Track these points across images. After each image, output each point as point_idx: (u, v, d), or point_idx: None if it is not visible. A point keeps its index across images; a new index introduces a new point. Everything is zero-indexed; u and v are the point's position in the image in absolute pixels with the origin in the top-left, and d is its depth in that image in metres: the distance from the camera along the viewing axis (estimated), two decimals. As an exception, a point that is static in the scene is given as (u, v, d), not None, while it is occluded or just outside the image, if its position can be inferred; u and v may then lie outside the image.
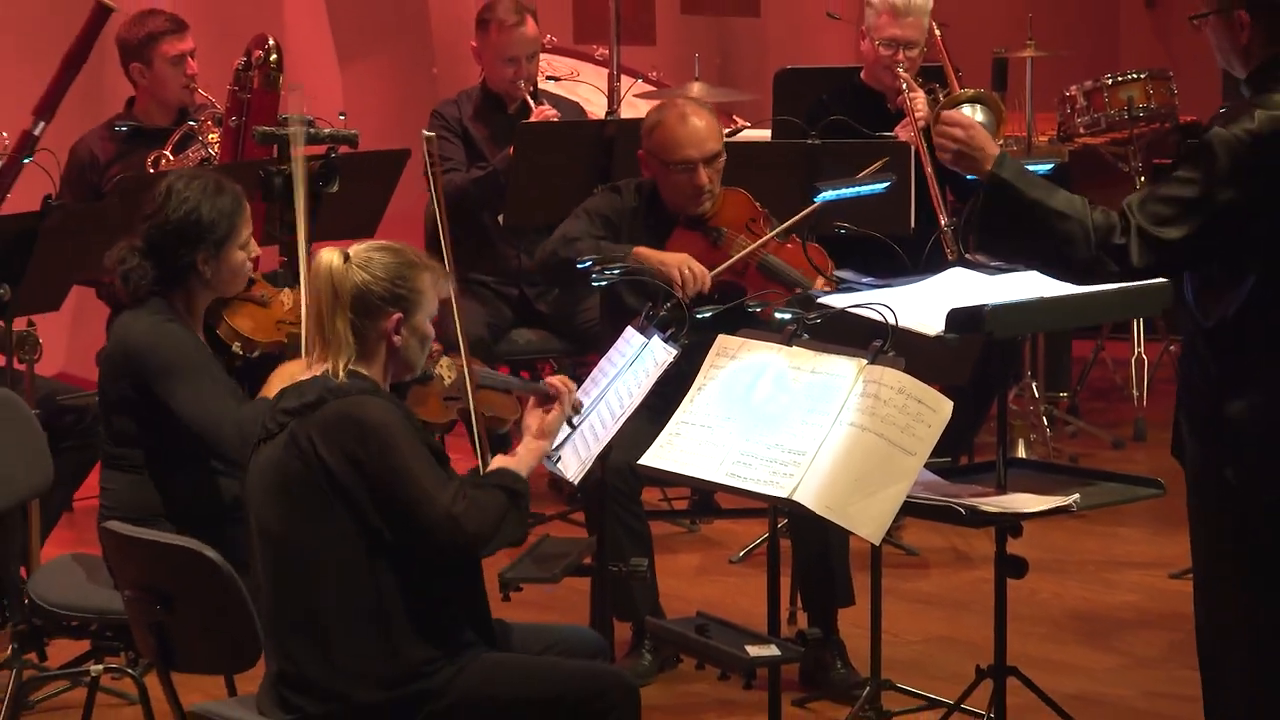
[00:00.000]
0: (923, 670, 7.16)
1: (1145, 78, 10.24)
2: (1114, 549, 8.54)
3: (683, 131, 7.62)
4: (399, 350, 5.44)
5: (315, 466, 5.27)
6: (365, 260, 5.40)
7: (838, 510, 5.64)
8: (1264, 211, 5.45)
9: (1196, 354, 5.68)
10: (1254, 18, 5.53)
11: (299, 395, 5.37)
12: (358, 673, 5.31)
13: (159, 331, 6.40)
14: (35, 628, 6.48)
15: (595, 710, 5.41)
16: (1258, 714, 5.76)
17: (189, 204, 6.42)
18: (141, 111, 8.67)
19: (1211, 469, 5.66)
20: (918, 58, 9.01)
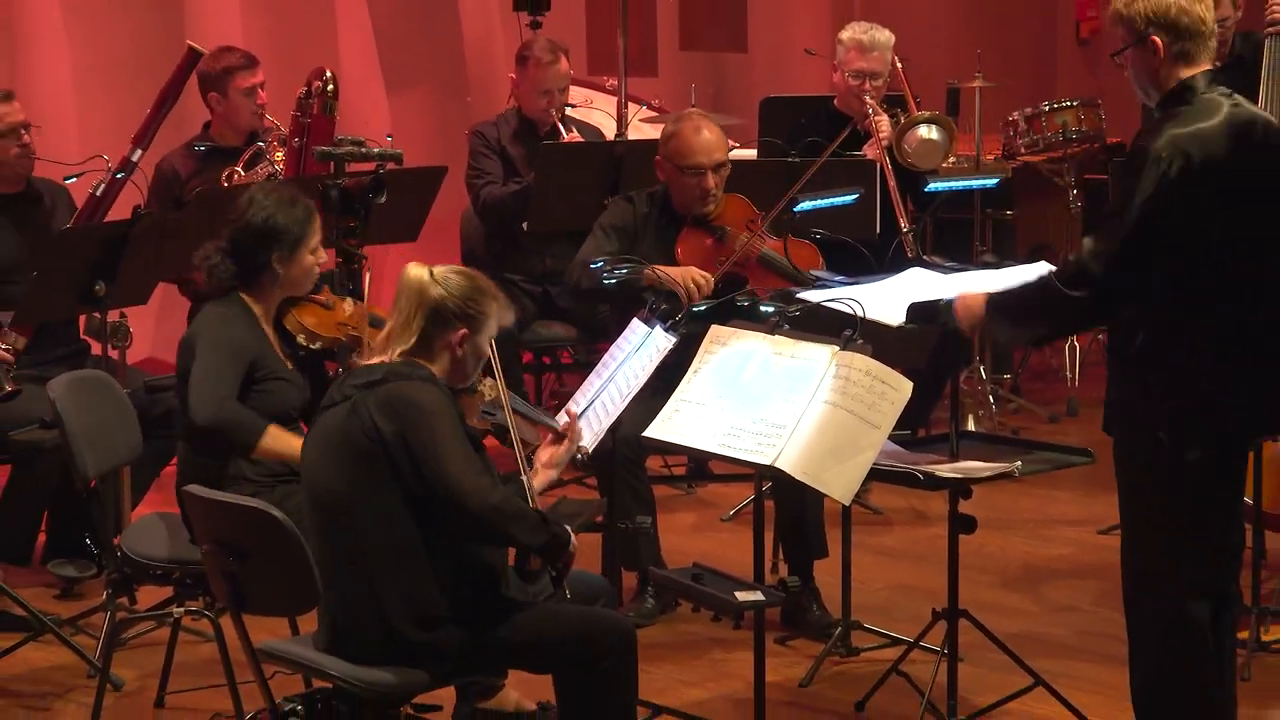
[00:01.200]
0: (886, 613, 7.16)
1: (1077, 105, 10.23)
2: (1050, 509, 8.54)
3: (696, 141, 7.65)
4: (459, 361, 5.47)
5: (372, 434, 5.29)
6: (445, 279, 5.44)
7: (814, 475, 5.65)
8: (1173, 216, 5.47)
9: (1120, 338, 5.72)
10: (1165, 42, 5.53)
11: (367, 374, 5.40)
12: (399, 615, 5.31)
13: (214, 317, 6.48)
14: (126, 576, 6.48)
15: (597, 649, 5.41)
16: (1170, 651, 5.77)
17: (267, 211, 6.46)
18: (217, 134, 8.67)
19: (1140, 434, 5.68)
20: (882, 87, 9.02)
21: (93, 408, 6.56)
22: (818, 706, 6.63)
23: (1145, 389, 5.64)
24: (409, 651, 5.34)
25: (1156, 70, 5.58)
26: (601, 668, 5.39)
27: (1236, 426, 5.70)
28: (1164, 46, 5.54)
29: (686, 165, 7.63)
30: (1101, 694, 6.44)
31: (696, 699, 6.62)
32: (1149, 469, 5.69)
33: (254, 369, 6.44)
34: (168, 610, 6.60)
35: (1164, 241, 5.48)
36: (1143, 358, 5.64)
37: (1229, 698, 5.84)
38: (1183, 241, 5.50)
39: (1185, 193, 5.45)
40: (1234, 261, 5.57)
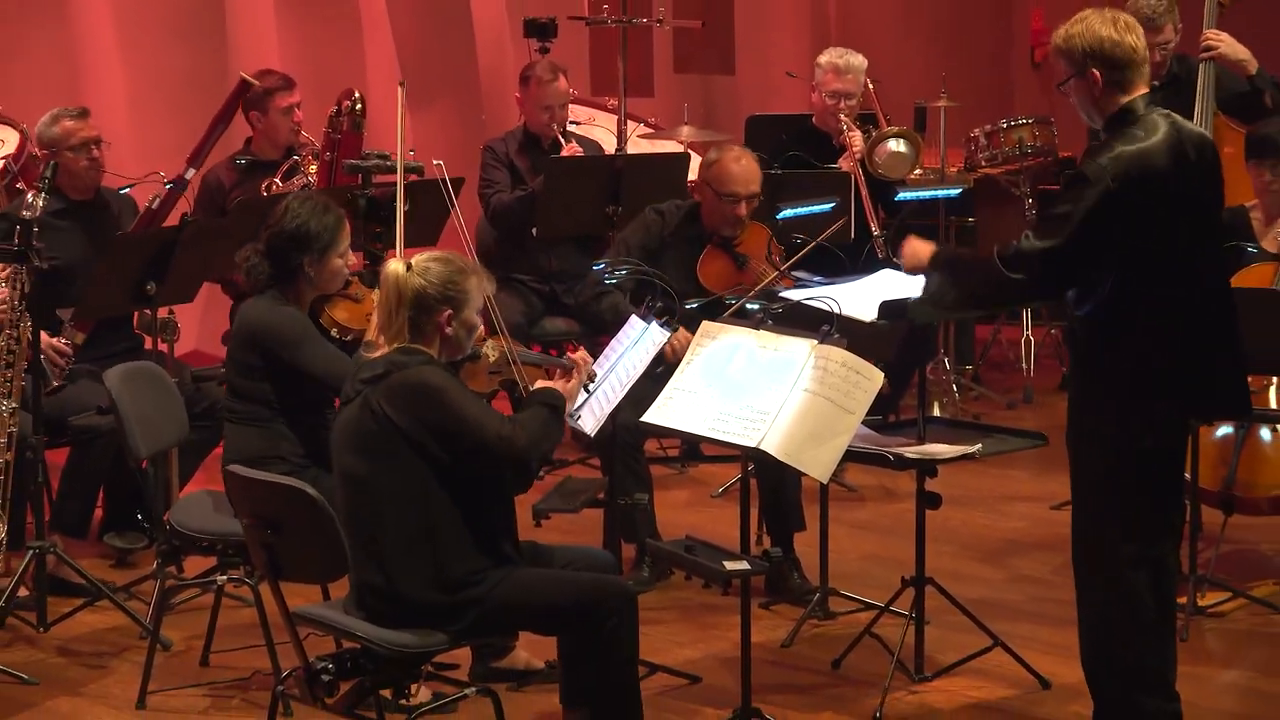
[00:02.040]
0: (860, 580, 7.15)
1: (1032, 122, 10.22)
2: (1007, 487, 8.53)
3: (736, 170, 7.66)
4: (450, 338, 5.47)
5: (384, 423, 5.30)
6: (424, 269, 5.43)
7: (794, 456, 5.66)
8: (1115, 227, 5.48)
9: (1076, 336, 5.73)
10: (1102, 73, 5.56)
11: (371, 369, 5.40)
12: (418, 580, 5.31)
13: (277, 311, 6.45)
14: (174, 547, 6.47)
15: (602, 611, 5.40)
16: (1115, 614, 5.77)
17: (300, 218, 6.45)
18: (257, 148, 8.66)
19: (1088, 415, 5.71)
20: (855, 106, 9.02)
21: (144, 395, 6.56)
22: (798, 665, 6.62)
23: (1094, 379, 5.67)
24: (428, 615, 5.34)
25: (1097, 99, 5.63)
26: (606, 629, 5.39)
27: (1178, 413, 5.73)
28: (1101, 77, 5.58)
29: (724, 192, 7.64)
30: (1053, 654, 6.44)
31: (689, 658, 6.61)
32: (1100, 450, 5.71)
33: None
34: (212, 578, 6.59)
35: (1105, 249, 5.51)
36: (1092, 351, 5.68)
37: (1169, 657, 5.85)
38: (1127, 249, 5.52)
39: (1127, 205, 5.48)
40: (1175, 267, 5.60)
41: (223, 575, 6.45)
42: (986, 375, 10.52)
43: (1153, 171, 5.50)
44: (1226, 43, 8.11)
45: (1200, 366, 5.68)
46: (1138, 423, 5.62)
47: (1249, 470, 7.11)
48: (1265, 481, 7.11)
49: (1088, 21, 5.61)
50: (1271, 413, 7.10)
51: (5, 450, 6.96)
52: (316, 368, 6.37)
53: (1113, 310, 5.60)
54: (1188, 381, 5.67)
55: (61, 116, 7.97)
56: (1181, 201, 5.58)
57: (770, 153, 9.02)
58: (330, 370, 6.34)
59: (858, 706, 6.24)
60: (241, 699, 6.38)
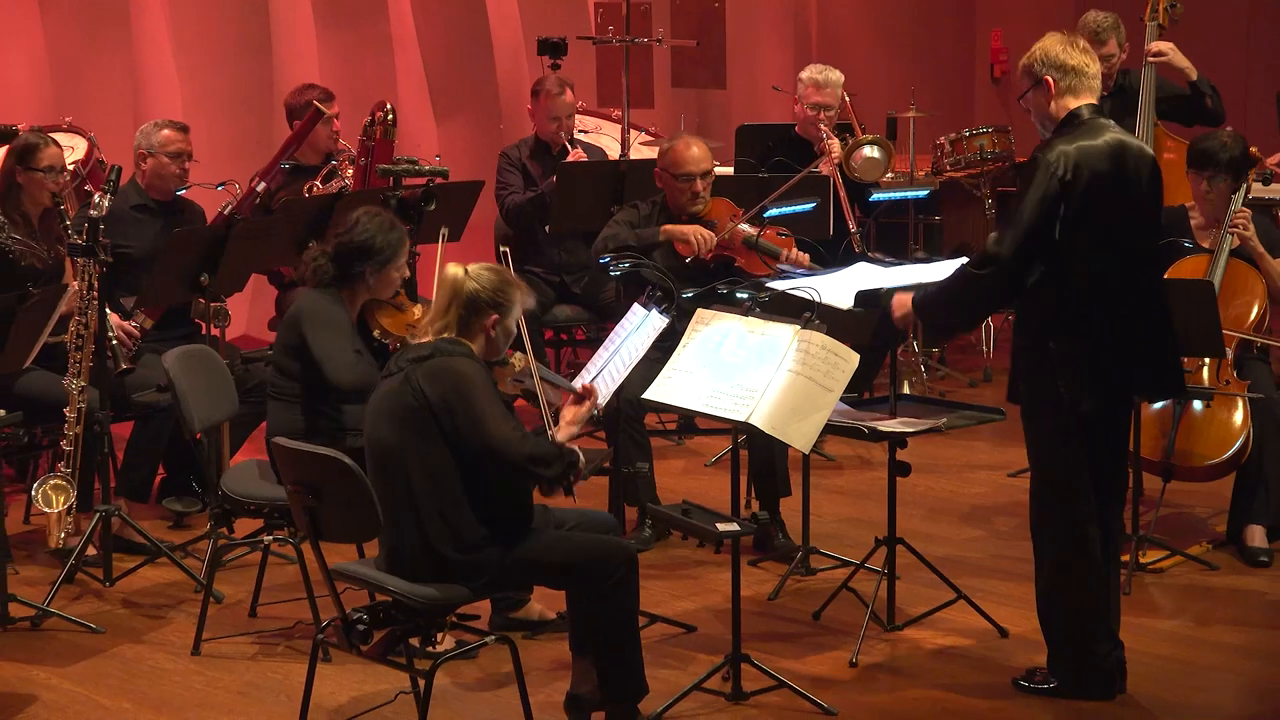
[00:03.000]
0: (838, 540, 7.15)
1: (992, 131, 10.21)
2: (970, 456, 8.52)
3: (687, 154, 7.67)
4: (492, 340, 5.48)
5: (420, 399, 5.29)
6: (478, 275, 5.46)
7: (779, 429, 5.65)
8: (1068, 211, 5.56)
9: (1025, 313, 5.78)
10: (1055, 80, 5.69)
11: (418, 351, 5.40)
12: (441, 541, 5.30)
13: (322, 302, 6.48)
14: (225, 511, 6.46)
15: (606, 569, 5.39)
16: (1065, 570, 5.80)
17: (369, 232, 6.49)
18: (300, 154, 8.63)
19: (1043, 391, 5.73)
20: (834, 116, 9.01)
21: (198, 375, 6.55)
22: (783, 616, 6.62)
23: (1047, 356, 5.70)
24: (451, 571, 5.33)
25: (1049, 104, 5.74)
26: (611, 584, 5.38)
27: (1118, 387, 5.78)
28: (1054, 83, 5.71)
29: (679, 174, 7.66)
30: (1010, 605, 6.44)
31: (685, 609, 6.60)
32: (1051, 420, 5.76)
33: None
34: (259, 538, 6.61)
35: (1055, 236, 5.57)
36: (1045, 332, 5.71)
37: (1113, 608, 5.87)
38: (1072, 238, 5.57)
39: (1071, 193, 5.57)
40: (1112, 258, 5.66)
41: (269, 536, 6.45)
42: (951, 357, 10.51)
43: (1095, 168, 5.60)
44: (1172, 51, 8.16)
45: (1138, 348, 5.74)
46: (1082, 395, 5.68)
47: (1186, 441, 7.10)
48: (1200, 451, 7.10)
49: (1047, 41, 5.77)
50: (1204, 389, 7.08)
51: (75, 424, 6.96)
52: (320, 350, 6.39)
53: (1060, 295, 5.65)
54: (1126, 360, 5.73)
55: (165, 125, 8.03)
56: (1120, 200, 5.65)
57: (758, 158, 9.05)
58: (329, 357, 6.37)
59: (836, 653, 6.23)
60: (286, 646, 6.37)
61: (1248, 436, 7.05)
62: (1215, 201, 7.28)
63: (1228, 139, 7.32)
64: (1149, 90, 8.11)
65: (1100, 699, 5.80)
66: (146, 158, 7.96)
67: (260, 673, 6.17)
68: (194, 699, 5.97)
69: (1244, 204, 7.29)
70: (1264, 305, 7.23)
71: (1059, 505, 5.78)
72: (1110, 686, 5.83)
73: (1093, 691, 5.82)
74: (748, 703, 5.81)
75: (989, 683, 6.00)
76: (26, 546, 7.31)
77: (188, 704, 5.92)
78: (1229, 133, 7.42)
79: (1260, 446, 7.08)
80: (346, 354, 6.42)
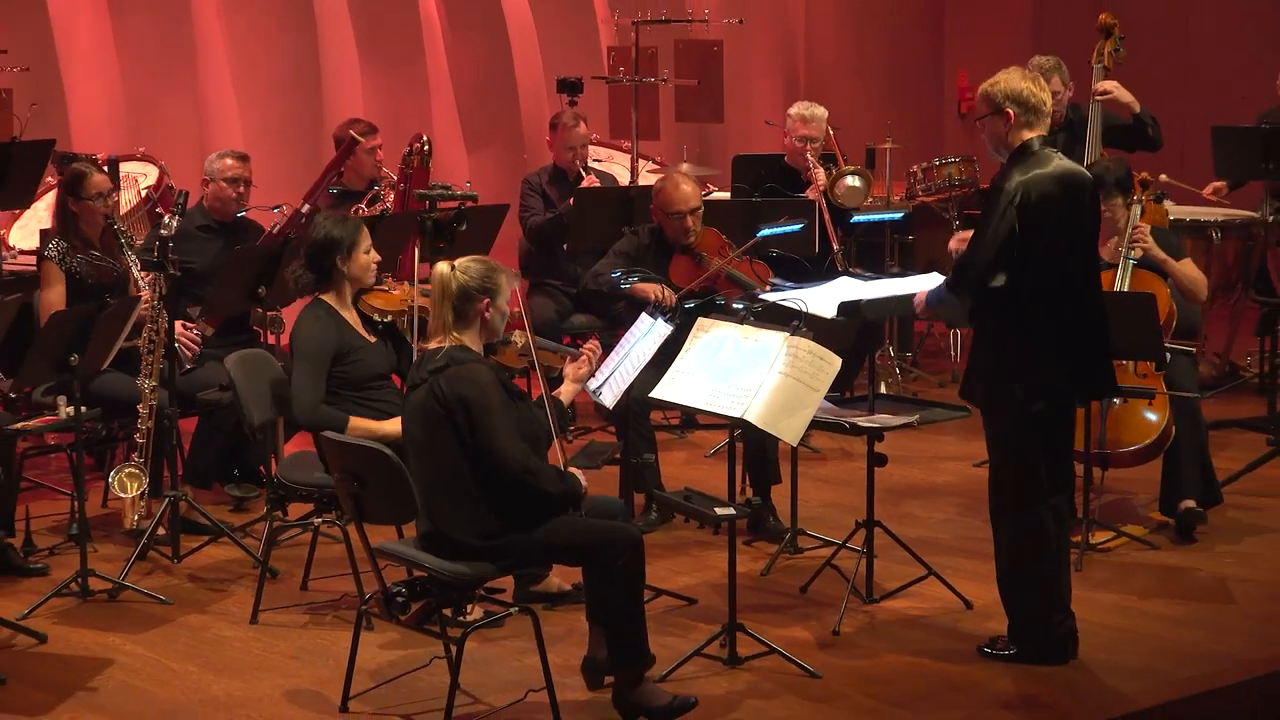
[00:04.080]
0: (822, 522, 7.13)
1: (959, 161, 10.19)
2: (939, 449, 8.51)
3: (676, 195, 7.65)
4: (489, 321, 5.47)
5: (445, 405, 5.31)
6: (465, 268, 5.46)
7: (771, 424, 5.64)
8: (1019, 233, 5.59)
9: (983, 322, 5.80)
10: (1015, 113, 5.70)
11: (434, 361, 5.39)
12: (466, 526, 5.32)
13: (306, 322, 6.46)
14: (280, 496, 6.47)
15: (616, 550, 5.38)
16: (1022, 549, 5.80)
17: (324, 228, 6.50)
18: (347, 180, 8.64)
19: (999, 391, 5.76)
20: (819, 148, 9.02)
21: (256, 376, 6.56)
22: (773, 590, 6.61)
23: (1004, 361, 5.71)
24: (480, 552, 5.34)
25: (1006, 134, 5.75)
26: (620, 563, 5.37)
27: (1066, 388, 5.80)
28: (1014, 116, 5.72)
29: (671, 212, 7.65)
30: (974, 581, 6.42)
31: (686, 584, 6.60)
32: (1008, 418, 5.77)
33: (340, 351, 6.44)
34: (310, 520, 6.60)
35: (1013, 255, 5.56)
36: (1002, 340, 5.73)
37: (1065, 583, 5.87)
38: (1025, 258, 5.59)
39: (1026, 217, 5.59)
40: (1060, 276, 5.68)
41: (318, 518, 6.45)
42: (923, 361, 10.50)
43: (1045, 194, 5.62)
44: (1116, 88, 8.19)
45: (1080, 351, 5.76)
46: (1034, 393, 5.70)
47: (1113, 430, 7.08)
48: (1125, 439, 7.10)
49: (1011, 74, 5.78)
50: (1145, 390, 7.08)
51: (147, 419, 6.96)
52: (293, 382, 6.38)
53: (1015, 308, 5.67)
54: (1070, 363, 5.74)
55: (227, 155, 8.07)
56: (1066, 222, 5.67)
57: (752, 184, 9.06)
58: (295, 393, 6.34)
59: (820, 622, 6.23)
60: (333, 616, 6.38)
61: (1168, 423, 7.06)
62: (1110, 219, 7.28)
63: (1110, 164, 7.44)
64: (1095, 123, 8.14)
65: (1055, 663, 5.81)
66: (209, 183, 7.99)
67: (310, 639, 6.17)
68: (252, 662, 5.97)
69: (1171, 225, 7.33)
70: (1170, 307, 7.24)
71: (1015, 492, 5.79)
72: (1064, 652, 5.83)
73: (1048, 657, 5.82)
74: (742, 667, 5.81)
75: (956, 649, 5.99)
76: (104, 527, 7.32)
77: (246, 667, 5.93)
78: (1111, 158, 7.52)
79: (1180, 432, 7.09)
80: (309, 392, 6.35)
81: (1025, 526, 5.79)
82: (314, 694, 5.67)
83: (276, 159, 9.97)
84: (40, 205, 8.77)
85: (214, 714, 5.55)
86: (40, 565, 6.87)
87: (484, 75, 11.15)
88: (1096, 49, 8.30)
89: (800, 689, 5.67)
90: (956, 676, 5.79)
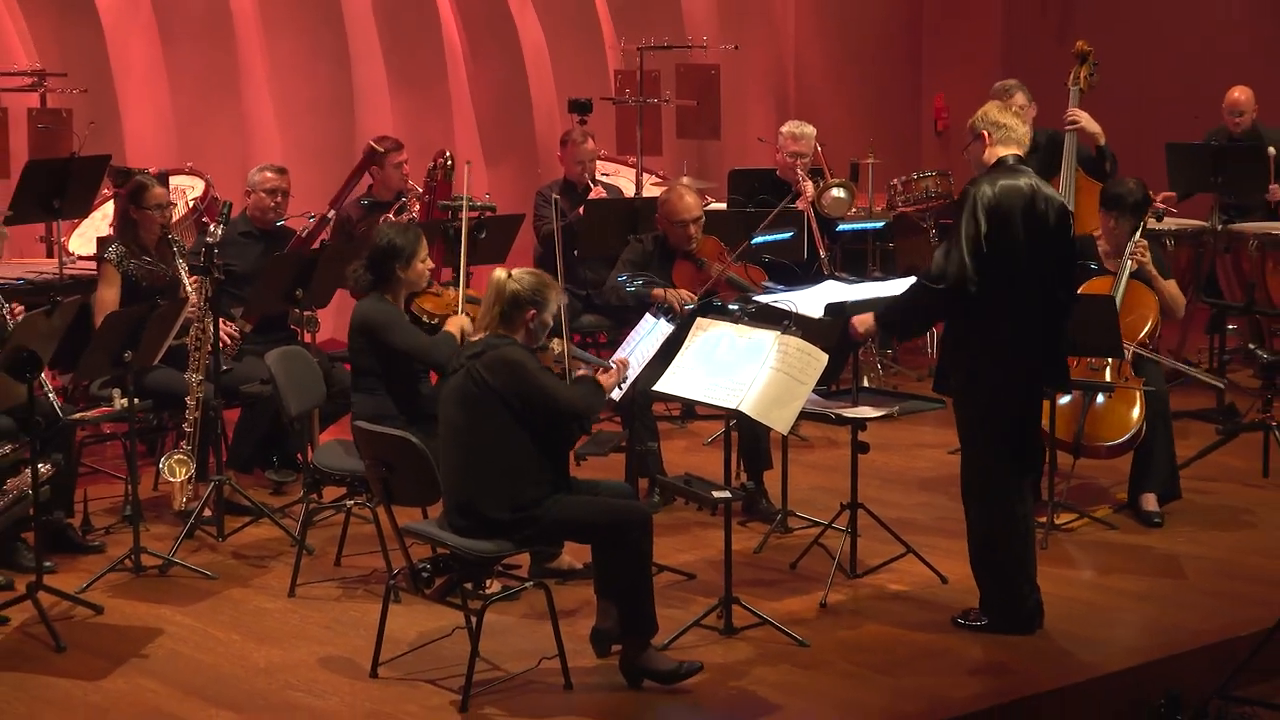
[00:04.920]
0: (810, 504, 7.12)
1: (935, 175, 10.19)
2: (917, 437, 8.50)
3: (680, 205, 7.67)
4: (531, 330, 5.49)
5: (482, 387, 5.33)
6: (520, 278, 5.49)
7: (764, 414, 5.64)
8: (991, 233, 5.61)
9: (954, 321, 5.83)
10: (990, 133, 5.79)
11: (474, 348, 5.42)
12: (496, 502, 5.32)
13: (375, 306, 6.45)
14: (316, 480, 6.47)
15: (626, 527, 5.39)
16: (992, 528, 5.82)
17: (389, 237, 6.50)
18: (376, 192, 8.64)
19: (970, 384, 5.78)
20: (808, 163, 9.01)
21: (294, 371, 6.56)
22: (765, 566, 6.60)
23: (973, 358, 5.72)
24: (499, 529, 5.33)
25: (984, 152, 5.81)
26: (630, 540, 5.38)
27: (1029, 383, 5.80)
28: (989, 135, 5.80)
29: (675, 221, 7.67)
30: (949, 557, 6.42)
31: (686, 560, 6.59)
32: (978, 409, 5.78)
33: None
34: (343, 502, 6.61)
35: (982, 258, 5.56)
36: (970, 339, 5.74)
37: (1031, 560, 5.88)
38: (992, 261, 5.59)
39: (992, 219, 5.62)
40: (1024, 282, 5.69)
41: (351, 500, 6.45)
42: (902, 357, 10.47)
43: (1013, 203, 5.66)
44: (1085, 119, 8.17)
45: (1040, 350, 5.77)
46: (1000, 388, 5.72)
47: (1092, 426, 7.09)
48: (1103, 434, 7.10)
49: (987, 105, 5.94)
50: (1104, 385, 7.10)
51: (194, 410, 6.97)
52: (404, 345, 6.38)
53: (982, 310, 5.68)
54: (1033, 361, 5.75)
55: (267, 168, 8.10)
56: (1029, 230, 5.68)
57: (746, 196, 9.05)
58: (411, 345, 6.38)
59: (808, 596, 6.23)
60: (364, 590, 6.37)
61: (1142, 423, 7.06)
62: (1119, 235, 7.33)
63: (1134, 185, 7.40)
64: (1071, 146, 8.15)
65: (1022, 633, 5.81)
66: (251, 194, 8.02)
67: (343, 611, 6.17)
68: (290, 632, 5.97)
69: (1141, 235, 7.33)
70: (1156, 319, 7.28)
71: (985, 477, 5.80)
72: (1031, 624, 5.84)
73: (1016, 628, 5.82)
74: (737, 636, 5.81)
75: (933, 620, 5.99)
76: (155, 509, 7.32)
77: (285, 636, 5.93)
78: (1135, 180, 7.47)
79: (1152, 430, 7.08)
80: (422, 339, 6.39)
81: (994, 508, 5.79)
82: (346, 661, 5.67)
83: (313, 173, 9.97)
84: (97, 215, 8.77)
85: (255, 679, 5.55)
86: (97, 543, 6.87)
87: (501, 97, 11.15)
88: (1073, 73, 8.29)
89: (790, 657, 5.66)
90: (932, 645, 5.78)
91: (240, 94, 10.26)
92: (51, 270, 8.10)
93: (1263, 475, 7.72)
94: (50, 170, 7.86)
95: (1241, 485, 7.64)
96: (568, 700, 5.33)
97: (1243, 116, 9.73)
